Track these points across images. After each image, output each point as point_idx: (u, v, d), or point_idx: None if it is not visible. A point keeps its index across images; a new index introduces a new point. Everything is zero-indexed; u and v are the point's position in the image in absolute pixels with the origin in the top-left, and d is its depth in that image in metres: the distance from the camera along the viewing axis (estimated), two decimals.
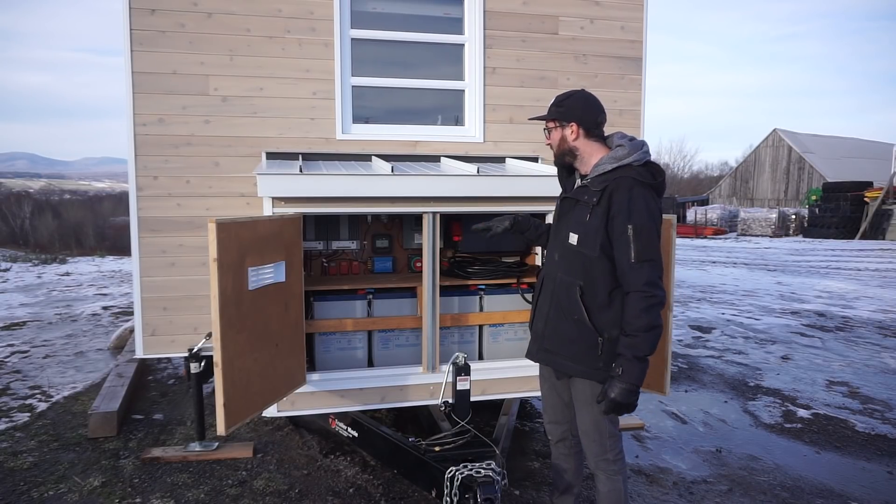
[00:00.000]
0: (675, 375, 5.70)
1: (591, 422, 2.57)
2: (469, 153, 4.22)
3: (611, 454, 2.58)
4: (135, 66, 3.70)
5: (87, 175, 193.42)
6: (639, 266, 2.33)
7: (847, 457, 4.07)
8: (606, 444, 2.58)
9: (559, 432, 2.81)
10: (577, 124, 2.53)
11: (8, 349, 6.40)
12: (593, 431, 2.58)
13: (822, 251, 18.86)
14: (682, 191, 48.67)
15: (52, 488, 3.47)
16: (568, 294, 2.51)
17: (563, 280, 2.54)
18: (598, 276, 2.44)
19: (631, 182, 2.39)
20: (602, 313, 2.45)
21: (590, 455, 2.63)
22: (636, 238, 2.33)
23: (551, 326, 2.60)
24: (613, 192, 2.40)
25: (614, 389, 2.33)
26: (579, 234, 2.48)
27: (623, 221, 2.36)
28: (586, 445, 2.63)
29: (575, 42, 4.33)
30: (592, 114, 2.54)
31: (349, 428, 3.66)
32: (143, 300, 3.79)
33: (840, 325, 8.00)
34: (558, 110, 2.57)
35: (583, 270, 2.47)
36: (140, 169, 3.75)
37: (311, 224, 4.00)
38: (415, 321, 3.69)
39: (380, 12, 4.15)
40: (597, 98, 2.59)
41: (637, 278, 2.33)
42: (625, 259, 2.36)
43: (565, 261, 2.55)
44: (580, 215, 2.50)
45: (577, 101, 2.56)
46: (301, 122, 3.95)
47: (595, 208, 2.43)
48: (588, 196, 2.48)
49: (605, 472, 2.60)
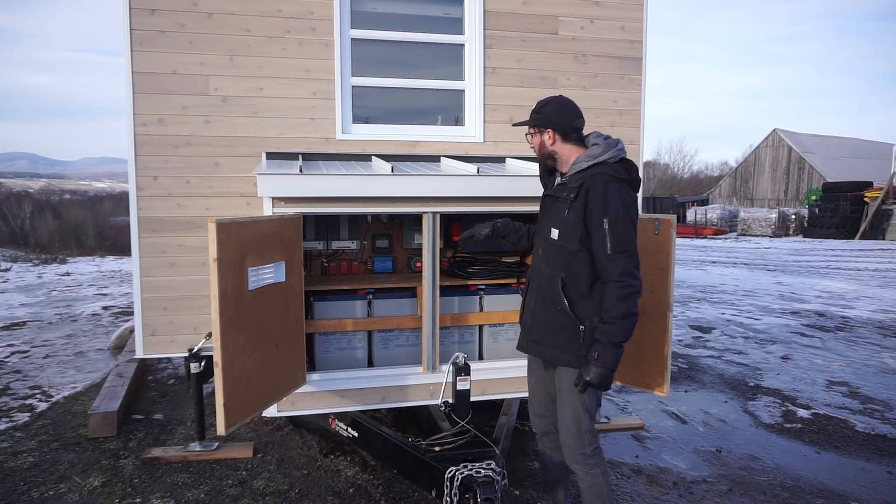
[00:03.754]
0: (675, 375, 5.70)
1: (571, 413, 2.66)
2: (469, 153, 4.22)
3: (588, 448, 2.68)
4: (135, 66, 3.70)
5: (87, 175, 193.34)
6: (615, 257, 2.47)
7: (847, 457, 4.07)
8: (584, 439, 2.67)
9: (543, 425, 2.90)
10: (553, 130, 2.68)
11: (8, 349, 6.40)
12: (572, 424, 2.66)
13: (822, 251, 18.85)
14: (682, 191, 48.67)
15: (52, 488, 3.47)
16: (551, 286, 2.64)
17: (546, 273, 2.67)
18: (579, 268, 2.57)
19: (606, 178, 2.54)
20: (583, 303, 2.58)
21: (567, 449, 2.71)
22: (612, 230, 2.47)
23: (538, 318, 2.73)
24: (590, 188, 2.54)
25: (590, 373, 2.47)
26: (560, 228, 2.62)
27: (599, 215, 2.49)
28: (564, 440, 2.72)
29: (575, 42, 4.33)
30: (568, 119, 2.67)
31: (349, 428, 3.66)
32: (143, 300, 3.79)
33: (840, 325, 8.00)
34: (536, 117, 2.72)
35: (564, 263, 2.61)
36: (140, 169, 3.75)
37: (311, 224, 4.00)
38: (415, 321, 3.69)
39: (380, 12, 4.15)
40: (573, 103, 2.71)
41: (614, 268, 2.47)
42: (602, 251, 2.49)
43: (548, 255, 2.68)
44: (560, 211, 2.63)
45: (553, 107, 2.69)
46: (301, 122, 3.95)
47: (573, 204, 2.57)
48: (566, 193, 2.62)
49: (582, 465, 2.69)
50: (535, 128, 2.73)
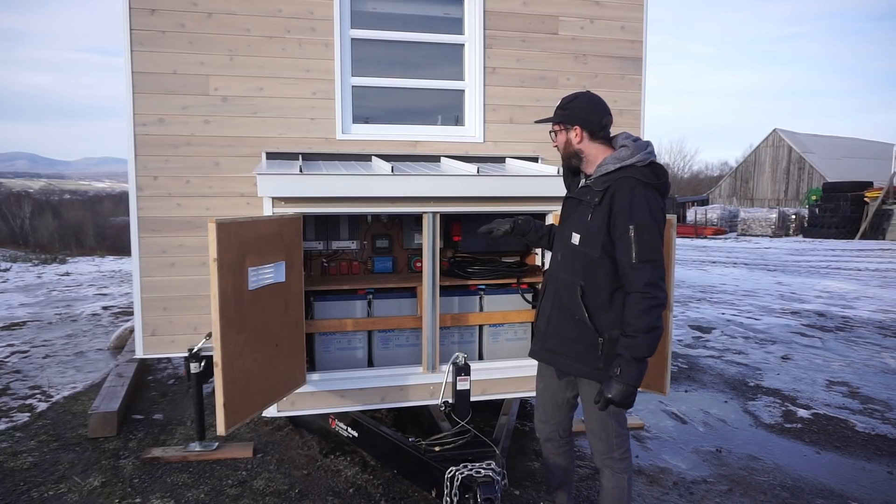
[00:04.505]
0: (675, 375, 5.70)
1: (597, 421, 2.58)
2: (469, 153, 4.22)
3: (617, 452, 2.59)
4: (135, 66, 3.70)
5: (87, 175, 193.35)
6: (640, 266, 2.31)
7: (847, 457, 4.07)
8: (613, 443, 2.59)
9: (547, 431, 2.83)
10: (580, 127, 2.52)
11: (8, 349, 6.40)
12: (599, 430, 2.59)
13: (822, 251, 18.85)
14: (682, 191, 48.67)
15: (52, 488, 3.47)
16: (569, 294, 2.51)
17: (564, 280, 2.54)
18: (600, 276, 2.43)
19: (633, 182, 2.38)
20: (603, 314, 2.44)
21: (596, 452, 2.65)
22: (638, 238, 2.31)
23: (553, 326, 2.61)
24: (616, 193, 2.38)
25: (612, 390, 2.31)
26: (581, 234, 2.47)
27: (625, 222, 2.34)
28: (593, 443, 2.65)
29: (575, 42, 4.33)
30: (597, 116, 2.52)
31: (349, 428, 3.66)
32: (143, 300, 3.79)
33: (840, 325, 7.99)
34: (562, 113, 2.56)
35: (584, 270, 2.46)
36: (140, 169, 3.75)
37: (311, 224, 4.00)
38: (415, 321, 3.69)
39: (380, 12, 4.15)
40: (602, 100, 2.57)
41: (638, 279, 2.32)
42: (626, 259, 2.34)
43: (567, 261, 2.55)
44: (582, 215, 2.49)
45: (580, 103, 2.54)
46: (301, 122, 3.95)
47: (597, 208, 2.42)
48: (590, 196, 2.47)
49: (610, 469, 2.62)
50: (561, 124, 2.57)
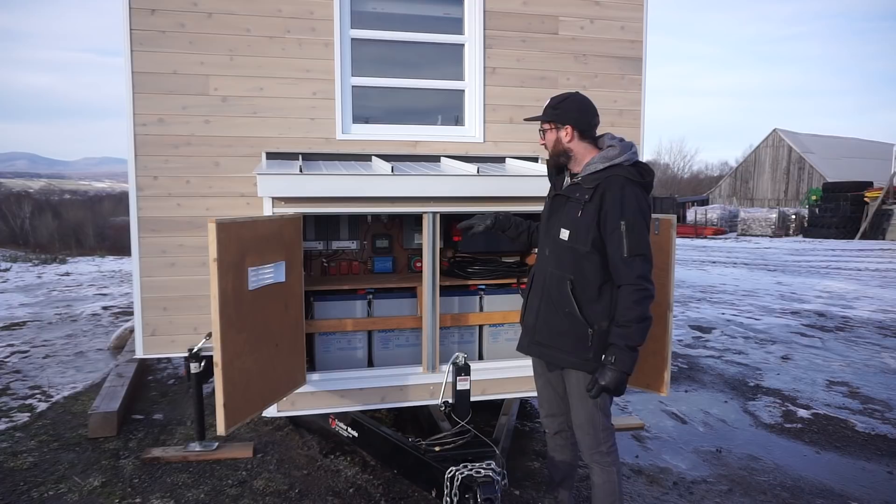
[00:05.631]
0: (675, 375, 5.70)
1: (585, 415, 2.66)
2: (469, 153, 4.22)
3: (604, 446, 2.68)
4: (135, 66, 3.70)
5: (87, 175, 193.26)
6: (631, 260, 2.43)
7: (847, 457, 4.07)
8: (600, 437, 2.67)
9: (556, 424, 2.90)
10: (572, 127, 2.61)
11: (8, 349, 6.40)
12: (587, 425, 2.67)
13: (822, 251, 18.85)
14: (682, 191, 48.64)
15: (52, 488, 3.47)
16: (559, 288, 2.60)
17: (553, 274, 2.63)
18: (589, 270, 2.53)
19: (623, 180, 2.50)
20: (592, 306, 2.55)
21: (584, 448, 2.72)
22: (628, 233, 2.43)
23: (542, 319, 2.68)
24: (606, 190, 2.49)
25: (605, 377, 2.43)
26: (571, 230, 2.57)
27: (616, 217, 2.45)
28: (580, 438, 2.72)
29: (575, 42, 4.32)
30: (587, 117, 2.63)
31: (349, 428, 3.66)
32: (143, 300, 3.79)
33: (840, 325, 7.99)
34: (554, 112, 2.65)
35: (574, 265, 2.56)
36: (140, 169, 3.75)
37: (311, 224, 4.00)
38: (415, 321, 3.69)
39: (380, 12, 4.15)
40: (591, 101, 2.66)
41: (630, 272, 2.44)
42: (617, 254, 2.45)
43: (556, 256, 2.63)
44: (572, 212, 2.58)
45: (572, 104, 2.63)
46: (301, 122, 3.95)
47: (587, 205, 2.52)
48: (580, 193, 2.56)
49: (599, 464, 2.70)
50: (552, 123, 2.65)
